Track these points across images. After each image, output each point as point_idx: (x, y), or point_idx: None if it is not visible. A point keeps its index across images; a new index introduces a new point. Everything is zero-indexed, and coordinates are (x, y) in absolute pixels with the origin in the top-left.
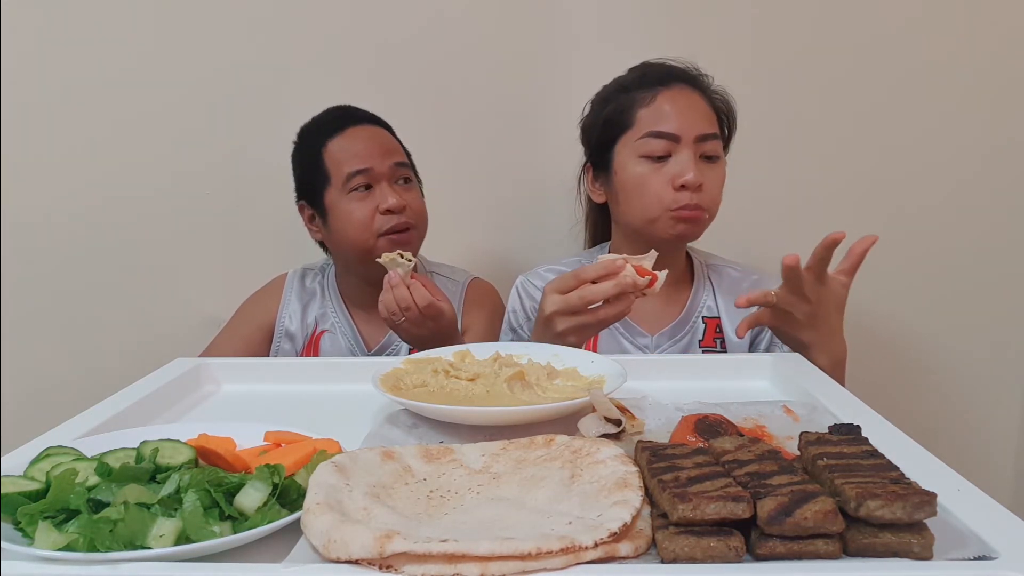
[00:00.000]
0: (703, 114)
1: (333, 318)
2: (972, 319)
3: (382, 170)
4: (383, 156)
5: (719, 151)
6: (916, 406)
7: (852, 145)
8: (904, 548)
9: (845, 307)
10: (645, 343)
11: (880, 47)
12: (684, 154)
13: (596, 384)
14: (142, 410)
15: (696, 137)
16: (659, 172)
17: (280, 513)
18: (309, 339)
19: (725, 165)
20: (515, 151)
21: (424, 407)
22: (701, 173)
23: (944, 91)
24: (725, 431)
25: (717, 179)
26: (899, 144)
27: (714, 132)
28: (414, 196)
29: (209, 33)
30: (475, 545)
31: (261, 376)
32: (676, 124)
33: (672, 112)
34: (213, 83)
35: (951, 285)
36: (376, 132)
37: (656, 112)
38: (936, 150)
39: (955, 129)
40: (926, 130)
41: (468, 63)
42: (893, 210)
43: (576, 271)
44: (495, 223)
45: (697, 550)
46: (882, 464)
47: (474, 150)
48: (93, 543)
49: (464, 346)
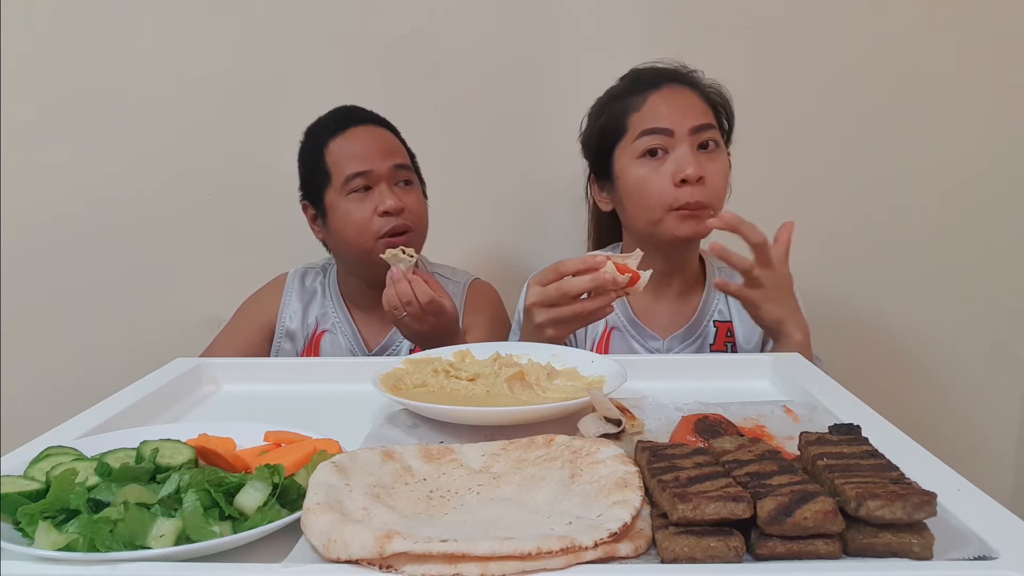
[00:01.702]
0: (696, 107)
1: (334, 318)
2: (972, 319)
3: (381, 171)
4: (383, 157)
5: (718, 139)
6: (916, 406)
7: (853, 145)
8: (904, 548)
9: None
10: (657, 346)
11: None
12: (681, 148)
13: (596, 384)
14: (142, 410)
15: (691, 129)
16: (658, 171)
17: (280, 513)
18: (310, 339)
19: (728, 156)
20: (518, 152)
21: (424, 407)
22: (701, 166)
23: (944, 91)
24: (725, 431)
25: (719, 170)
26: (900, 144)
27: (709, 123)
28: (414, 198)
29: (210, 33)
30: (475, 545)
31: (261, 376)
32: (668, 119)
33: (664, 109)
34: (213, 83)
35: (951, 285)
36: (378, 133)
37: (648, 113)
38: (937, 150)
39: (956, 129)
40: (927, 130)
41: (471, 64)
42: (893, 210)
43: (556, 264)
44: (497, 224)
45: (697, 550)
46: (882, 464)
47: (477, 150)
48: (93, 543)
49: (464, 346)
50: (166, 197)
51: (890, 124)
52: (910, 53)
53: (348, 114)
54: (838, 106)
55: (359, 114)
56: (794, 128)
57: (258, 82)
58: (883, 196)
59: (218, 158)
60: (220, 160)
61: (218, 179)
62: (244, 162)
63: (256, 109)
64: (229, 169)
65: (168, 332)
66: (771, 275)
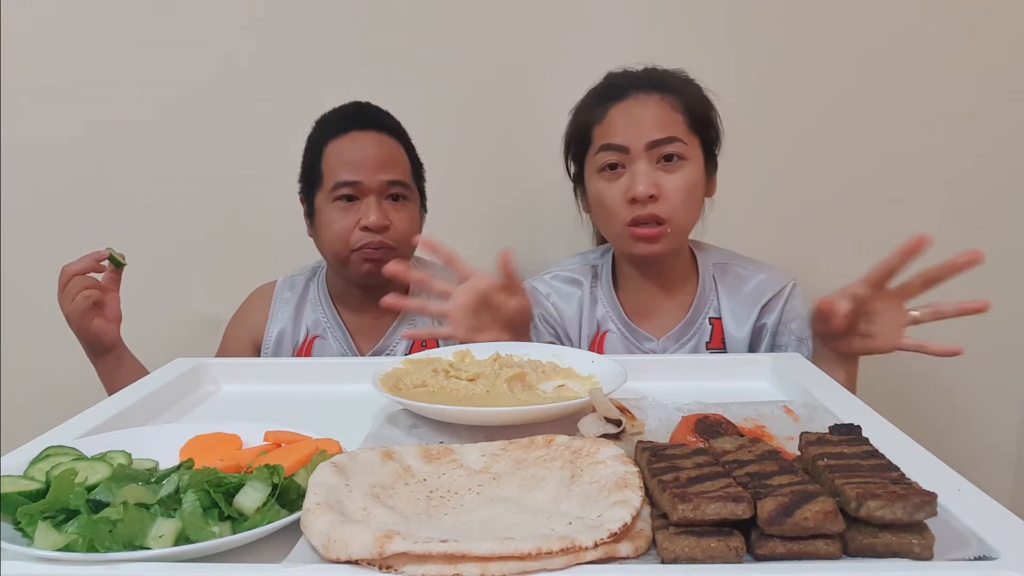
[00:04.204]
0: (659, 119)
1: (325, 324)
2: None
3: (372, 184)
4: (376, 169)
5: (681, 152)
6: (916, 406)
7: (853, 145)
8: (904, 548)
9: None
10: (652, 347)
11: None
12: (635, 165)
13: (596, 384)
14: (142, 410)
15: (648, 144)
16: (613, 187)
17: (280, 513)
18: (300, 346)
19: (695, 165)
20: (515, 152)
21: (424, 407)
22: (655, 183)
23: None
24: (725, 431)
25: (678, 185)
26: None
27: (669, 136)
28: (403, 216)
29: (209, 33)
30: (475, 545)
31: (261, 376)
32: (625, 135)
33: (622, 124)
34: (213, 83)
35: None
36: (379, 140)
37: (607, 127)
38: (937, 150)
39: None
40: (927, 131)
41: (470, 64)
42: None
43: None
44: (495, 225)
45: (697, 550)
46: (882, 464)
47: (474, 151)
48: (93, 543)
49: (464, 346)
50: (166, 197)
51: (891, 125)
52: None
53: (354, 114)
54: (839, 106)
55: (366, 116)
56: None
57: (259, 82)
58: (883, 196)
59: (218, 158)
60: (220, 160)
61: (218, 179)
62: (244, 162)
63: (257, 109)
64: (229, 169)
65: (168, 332)
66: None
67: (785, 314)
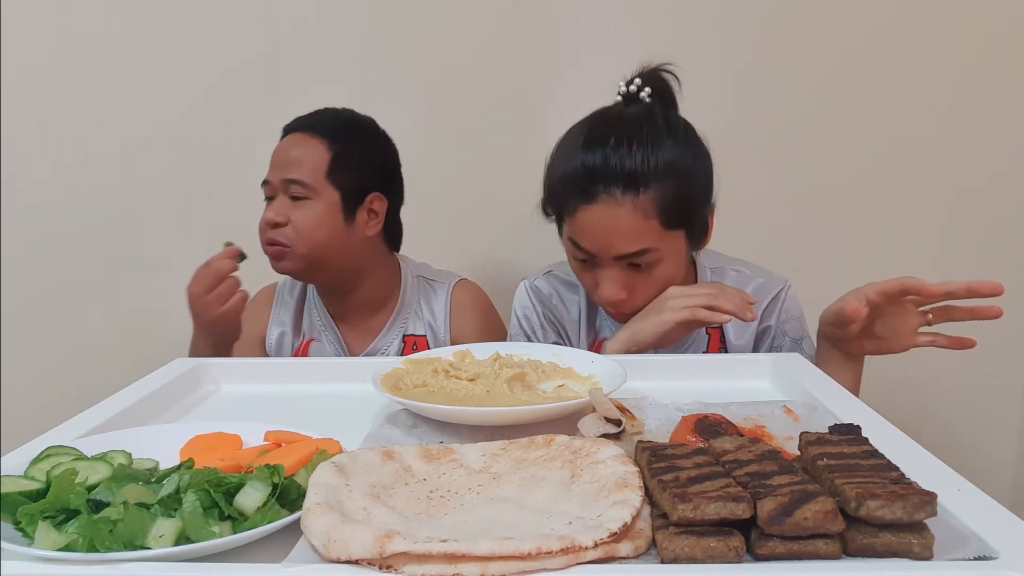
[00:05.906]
0: (629, 230)
1: (319, 326)
2: None
3: (275, 183)
4: (280, 168)
5: (655, 258)
6: (916, 406)
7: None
8: (904, 548)
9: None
10: None
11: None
12: (603, 272)
13: (596, 384)
14: (142, 410)
15: (616, 256)
16: (587, 272)
17: (280, 513)
18: (297, 348)
19: (673, 258)
20: (509, 153)
21: (424, 407)
22: (625, 286)
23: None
24: (725, 431)
25: (650, 286)
26: (901, 145)
27: (638, 250)
28: (302, 215)
29: (209, 33)
30: (475, 545)
31: (261, 376)
32: (594, 243)
33: (591, 230)
34: (213, 83)
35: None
36: (296, 141)
37: (577, 227)
38: (937, 151)
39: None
40: (928, 132)
41: (464, 66)
42: (892, 210)
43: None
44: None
45: (697, 550)
46: (882, 464)
47: (467, 152)
48: (93, 543)
49: (464, 346)
50: (166, 197)
51: (891, 125)
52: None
53: (298, 119)
54: (838, 106)
55: (304, 119)
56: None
57: (258, 82)
58: (884, 197)
59: (218, 158)
60: (220, 160)
61: (218, 179)
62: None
63: (256, 109)
64: (229, 169)
65: (168, 332)
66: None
67: (780, 315)
